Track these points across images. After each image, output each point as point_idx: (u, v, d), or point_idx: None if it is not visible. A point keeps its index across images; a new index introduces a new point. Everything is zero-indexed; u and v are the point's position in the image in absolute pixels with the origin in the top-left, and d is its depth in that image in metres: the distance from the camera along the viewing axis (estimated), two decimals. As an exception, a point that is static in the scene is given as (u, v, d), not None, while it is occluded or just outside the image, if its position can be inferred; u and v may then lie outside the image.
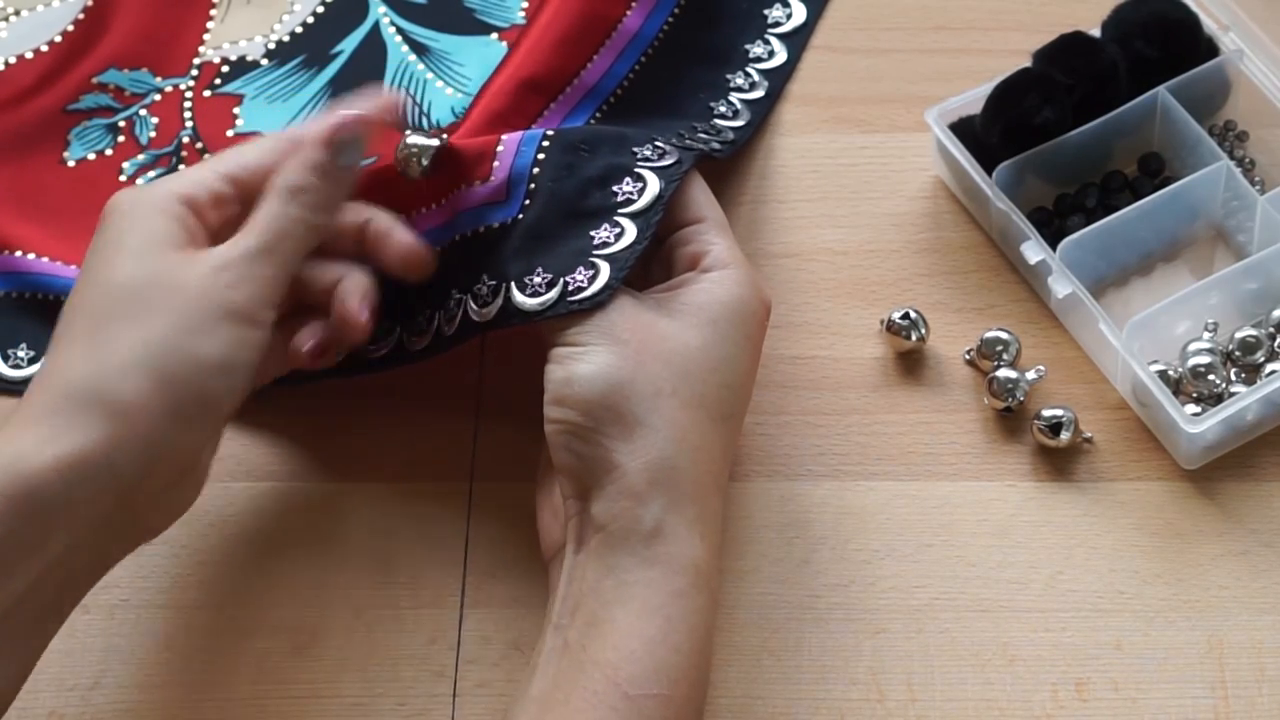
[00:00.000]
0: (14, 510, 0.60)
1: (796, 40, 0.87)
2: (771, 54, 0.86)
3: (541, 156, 0.72)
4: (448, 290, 0.72)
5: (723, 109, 0.83)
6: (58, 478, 0.61)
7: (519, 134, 0.73)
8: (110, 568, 0.66)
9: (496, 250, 0.71)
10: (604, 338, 0.67)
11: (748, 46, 0.87)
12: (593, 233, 0.70)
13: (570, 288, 0.69)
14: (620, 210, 0.70)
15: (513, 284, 0.70)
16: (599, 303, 0.68)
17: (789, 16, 0.88)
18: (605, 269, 0.69)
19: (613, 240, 0.70)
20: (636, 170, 0.71)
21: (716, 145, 0.79)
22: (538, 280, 0.69)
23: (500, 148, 0.72)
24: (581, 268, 0.69)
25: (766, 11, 0.88)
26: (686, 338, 0.67)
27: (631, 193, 0.71)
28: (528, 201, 0.71)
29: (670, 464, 0.65)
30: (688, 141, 0.77)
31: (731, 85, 0.85)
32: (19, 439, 0.62)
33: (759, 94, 0.85)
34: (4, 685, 0.62)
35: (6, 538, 0.60)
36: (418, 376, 0.75)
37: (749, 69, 0.85)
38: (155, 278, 0.65)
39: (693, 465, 0.66)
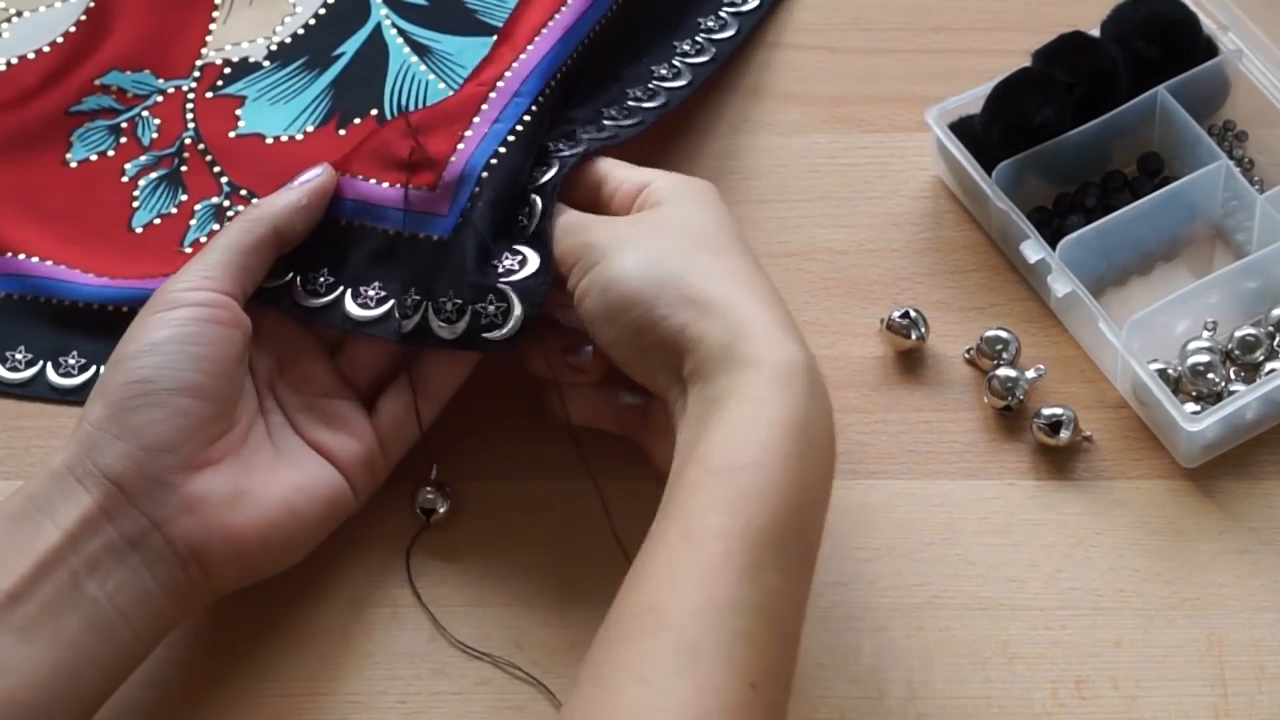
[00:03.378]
0: (7, 519, 0.66)
1: (750, 18, 0.87)
2: (723, 26, 0.86)
3: (485, 175, 0.73)
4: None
5: (663, 70, 0.83)
6: (41, 485, 0.67)
7: (471, 148, 0.74)
8: (162, 599, 0.67)
9: (427, 263, 0.72)
10: (611, 240, 0.69)
11: (700, 19, 0.87)
12: (494, 262, 0.71)
13: (483, 320, 0.70)
14: (520, 239, 0.72)
15: (429, 306, 0.71)
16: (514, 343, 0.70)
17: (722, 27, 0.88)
18: (517, 303, 0.70)
19: (517, 268, 0.71)
20: (530, 195, 0.73)
21: (626, 124, 0.79)
22: (449, 307, 0.71)
23: (452, 157, 0.73)
24: (492, 296, 0.70)
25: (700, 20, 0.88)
26: (673, 214, 0.70)
27: (525, 222, 0.73)
28: (460, 219, 0.72)
29: (722, 294, 0.66)
30: (604, 124, 0.78)
31: (678, 50, 0.85)
32: None
33: (704, 59, 0.85)
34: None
35: (4, 539, 0.66)
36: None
37: (698, 37, 0.86)
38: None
39: (739, 286, 0.67)
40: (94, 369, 0.79)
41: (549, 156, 0.75)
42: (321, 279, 0.73)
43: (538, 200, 0.73)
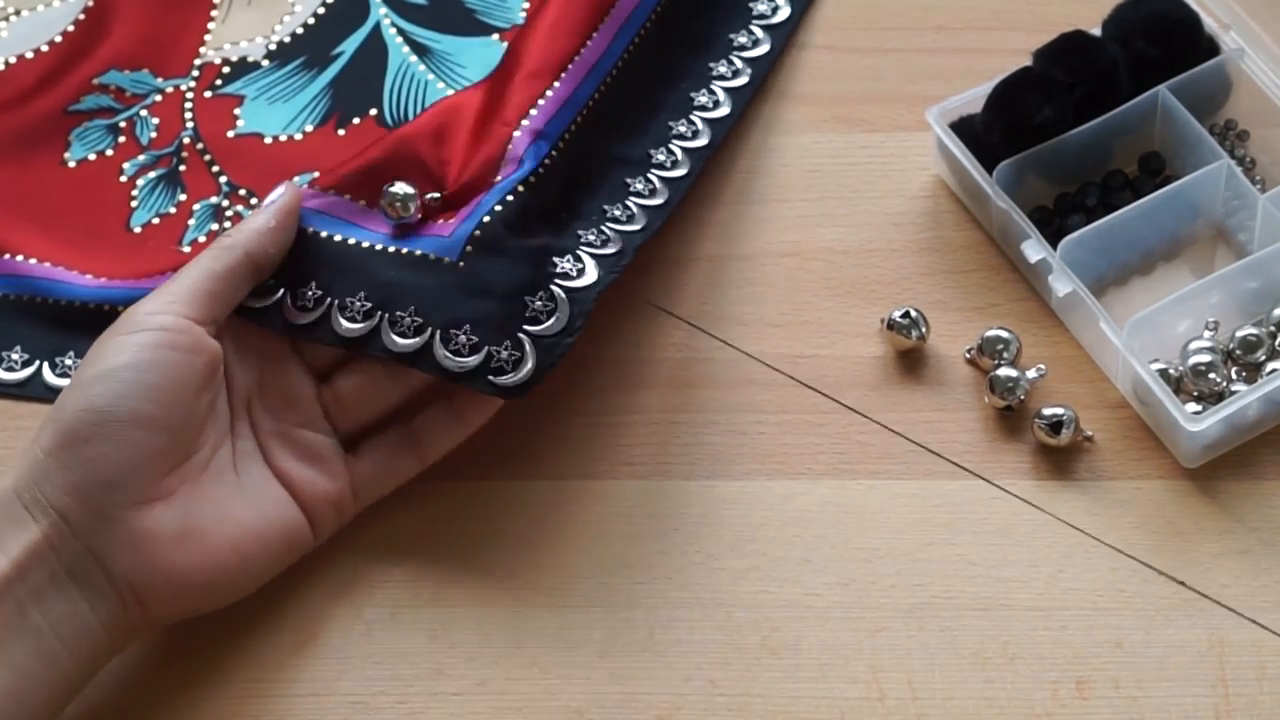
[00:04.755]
0: None
1: (781, 31, 0.87)
2: (756, 42, 0.86)
3: (499, 208, 0.73)
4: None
5: (703, 99, 0.83)
6: None
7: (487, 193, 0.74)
8: (101, 632, 0.67)
9: (425, 284, 0.72)
10: None
11: (732, 35, 0.87)
12: (527, 299, 0.71)
13: (494, 363, 0.70)
14: (556, 281, 0.71)
15: (438, 333, 0.71)
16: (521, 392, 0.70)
17: (775, 10, 0.88)
18: (531, 354, 0.70)
19: (544, 317, 0.71)
20: (579, 252, 0.73)
21: (658, 203, 0.79)
22: (463, 339, 0.71)
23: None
24: (509, 343, 0.70)
25: (752, 5, 0.88)
26: None
27: (570, 270, 0.72)
28: (469, 248, 0.72)
29: None
30: (641, 198, 0.78)
31: (714, 74, 0.85)
32: None
33: (742, 80, 0.85)
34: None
35: None
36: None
37: (732, 56, 0.85)
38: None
39: None
40: None
41: (591, 229, 0.75)
42: (310, 293, 0.73)
43: (592, 265, 0.73)
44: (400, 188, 0.74)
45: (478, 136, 0.76)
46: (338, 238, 0.73)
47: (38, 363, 0.80)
